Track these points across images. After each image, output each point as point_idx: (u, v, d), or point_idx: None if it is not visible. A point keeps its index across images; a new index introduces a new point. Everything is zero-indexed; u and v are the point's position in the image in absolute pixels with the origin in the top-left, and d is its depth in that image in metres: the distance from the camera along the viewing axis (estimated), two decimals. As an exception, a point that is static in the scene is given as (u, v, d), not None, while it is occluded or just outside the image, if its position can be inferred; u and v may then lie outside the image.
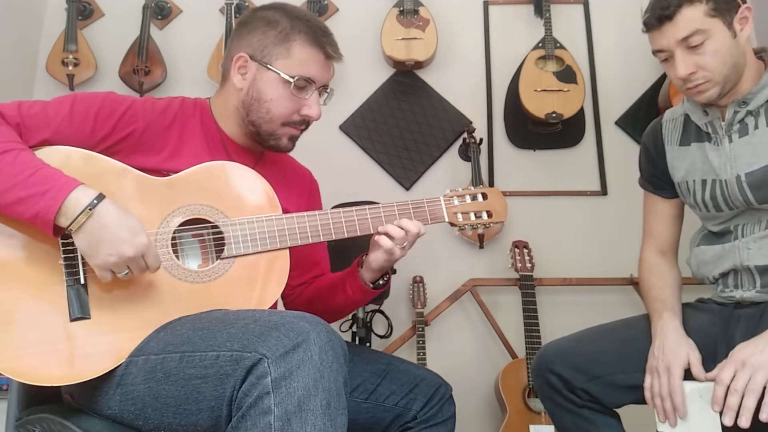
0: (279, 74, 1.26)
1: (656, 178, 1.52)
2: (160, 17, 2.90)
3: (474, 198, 1.35)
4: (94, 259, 1.05)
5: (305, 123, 1.33)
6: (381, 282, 1.36)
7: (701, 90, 1.30)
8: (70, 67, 2.72)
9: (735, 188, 1.33)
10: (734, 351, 1.17)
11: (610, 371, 1.33)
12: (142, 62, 2.75)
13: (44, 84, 2.82)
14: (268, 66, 1.27)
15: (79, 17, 2.83)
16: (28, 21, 2.86)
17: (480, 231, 2.46)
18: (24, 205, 1.02)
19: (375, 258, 1.30)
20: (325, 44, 1.29)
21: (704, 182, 1.39)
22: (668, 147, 1.48)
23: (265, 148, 1.36)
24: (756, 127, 1.32)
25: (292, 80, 1.26)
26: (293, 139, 1.34)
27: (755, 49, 1.38)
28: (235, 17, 2.80)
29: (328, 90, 1.35)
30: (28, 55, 2.85)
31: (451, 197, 1.34)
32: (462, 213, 1.33)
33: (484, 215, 1.34)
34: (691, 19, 1.26)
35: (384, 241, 1.26)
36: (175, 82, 2.84)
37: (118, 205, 1.07)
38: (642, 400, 1.31)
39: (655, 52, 1.35)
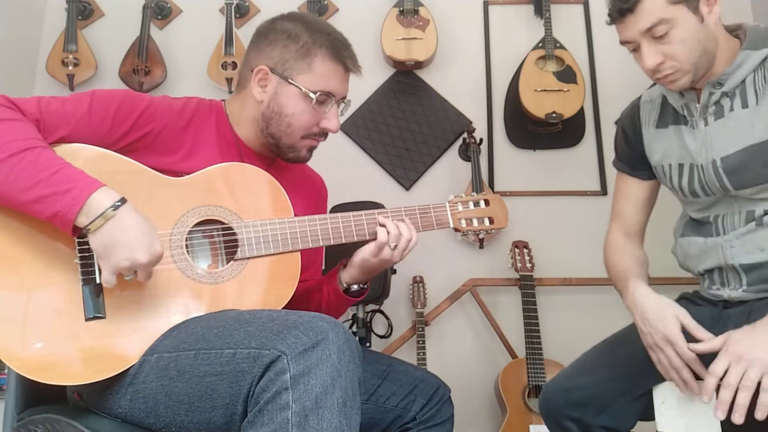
0: (300, 89, 1.27)
1: (634, 159, 1.48)
2: (160, 17, 2.90)
3: (477, 204, 1.38)
4: (107, 260, 1.04)
5: (324, 135, 1.34)
6: (355, 288, 1.34)
7: (672, 80, 1.27)
8: (70, 67, 2.72)
9: (711, 173, 1.29)
10: (729, 341, 1.10)
11: (615, 396, 1.30)
12: (142, 62, 2.75)
13: (44, 84, 2.81)
14: (289, 80, 1.28)
15: (79, 17, 2.83)
16: (28, 21, 2.85)
17: (481, 236, 2.50)
18: (44, 203, 1.00)
19: (362, 250, 1.27)
20: (346, 58, 1.31)
21: (681, 166, 1.36)
22: (645, 129, 1.45)
23: (284, 160, 1.36)
24: (731, 108, 1.27)
25: (314, 96, 1.27)
26: (311, 150, 1.36)
27: (730, 26, 1.31)
28: (236, 17, 2.81)
29: (345, 101, 1.36)
30: (28, 55, 2.85)
31: (456, 203, 1.37)
32: (465, 219, 1.36)
33: (486, 221, 1.38)
34: (652, 9, 1.20)
35: (381, 233, 1.25)
36: (175, 82, 2.84)
37: (137, 210, 1.06)
38: (646, 411, 1.30)
39: (622, 43, 1.31)
